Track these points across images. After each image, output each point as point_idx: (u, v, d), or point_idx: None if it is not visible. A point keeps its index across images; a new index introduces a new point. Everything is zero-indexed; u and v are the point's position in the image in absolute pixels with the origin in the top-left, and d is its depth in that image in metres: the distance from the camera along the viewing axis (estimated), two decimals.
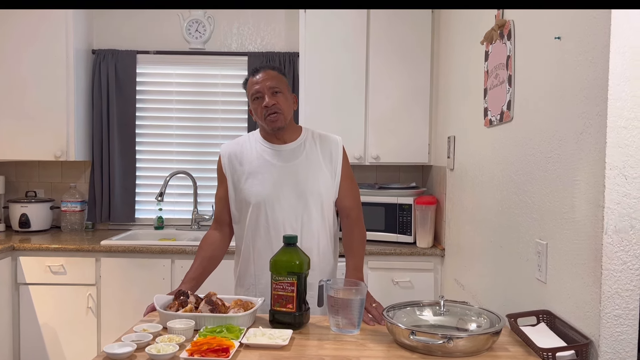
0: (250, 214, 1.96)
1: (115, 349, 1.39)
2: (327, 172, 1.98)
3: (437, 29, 3.23)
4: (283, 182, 1.94)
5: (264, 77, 1.91)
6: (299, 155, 1.97)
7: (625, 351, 1.33)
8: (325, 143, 2.02)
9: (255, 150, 2.00)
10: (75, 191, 3.59)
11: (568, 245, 1.49)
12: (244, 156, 2.00)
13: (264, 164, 1.96)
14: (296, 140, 2.00)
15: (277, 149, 1.98)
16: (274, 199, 1.93)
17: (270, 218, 1.93)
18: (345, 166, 2.02)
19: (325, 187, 1.97)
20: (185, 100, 3.69)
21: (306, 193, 1.93)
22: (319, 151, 1.99)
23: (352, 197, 2.04)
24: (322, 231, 1.98)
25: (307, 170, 1.95)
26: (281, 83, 1.94)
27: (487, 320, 1.55)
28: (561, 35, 1.56)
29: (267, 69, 1.94)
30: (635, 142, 1.30)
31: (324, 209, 1.97)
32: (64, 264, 3.02)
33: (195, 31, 3.58)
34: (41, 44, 3.28)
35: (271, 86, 1.90)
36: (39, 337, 3.05)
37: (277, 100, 1.90)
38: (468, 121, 2.53)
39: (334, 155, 2.00)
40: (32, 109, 3.30)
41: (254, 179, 1.96)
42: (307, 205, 1.94)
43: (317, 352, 1.45)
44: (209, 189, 3.71)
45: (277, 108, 1.90)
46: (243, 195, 1.97)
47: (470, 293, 2.44)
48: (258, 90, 1.90)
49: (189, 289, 1.88)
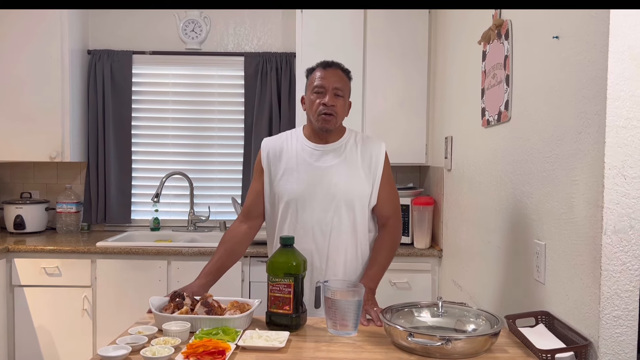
0: (282, 212, 1.94)
1: (109, 352, 1.37)
2: (364, 177, 1.93)
3: (434, 29, 3.22)
4: (317, 183, 1.91)
5: (333, 76, 1.89)
6: (338, 156, 1.94)
7: (624, 352, 1.32)
8: (367, 147, 1.98)
9: (295, 147, 1.97)
10: (71, 192, 3.56)
11: (567, 245, 1.48)
12: (283, 152, 1.97)
13: (301, 162, 1.94)
14: (338, 141, 1.96)
15: (317, 149, 1.95)
16: (306, 198, 1.90)
17: (300, 218, 1.91)
18: (386, 173, 1.97)
19: (360, 193, 1.92)
20: (182, 101, 3.68)
21: (338, 196, 1.90)
22: (359, 155, 1.95)
23: (391, 206, 2.00)
24: (352, 237, 1.93)
25: (343, 174, 1.92)
26: (346, 87, 1.92)
27: (485, 321, 1.54)
28: (559, 34, 1.55)
29: (338, 69, 1.92)
30: (634, 141, 1.29)
31: (356, 215, 1.93)
32: (59, 265, 3.00)
33: (192, 31, 3.57)
34: (36, 45, 3.26)
35: (336, 87, 1.88)
36: (34, 340, 3.02)
37: (336, 102, 1.88)
38: (465, 121, 2.52)
39: (375, 160, 1.96)
40: (27, 110, 3.28)
41: (289, 176, 1.93)
42: (338, 209, 1.90)
43: (314, 354, 1.44)
44: (205, 190, 3.70)
45: (333, 110, 1.88)
46: (276, 191, 1.95)
47: (468, 294, 2.44)
48: (322, 85, 1.88)
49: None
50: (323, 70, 1.90)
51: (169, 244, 3.14)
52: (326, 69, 1.90)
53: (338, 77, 1.90)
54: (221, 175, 3.71)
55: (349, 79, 1.95)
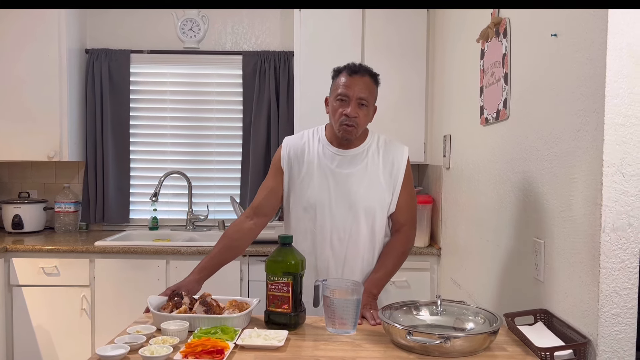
0: (300, 216, 1.92)
1: (108, 351, 1.37)
2: (384, 185, 1.90)
3: (433, 28, 3.22)
4: (338, 190, 1.88)
5: (360, 84, 1.83)
6: (359, 163, 1.90)
7: (623, 350, 1.32)
8: (389, 152, 1.93)
9: (317, 150, 1.93)
10: (69, 192, 3.56)
11: (565, 243, 1.48)
12: (305, 154, 1.93)
13: (322, 167, 1.90)
14: (360, 147, 1.92)
15: (339, 154, 1.91)
16: (325, 205, 1.88)
17: (319, 223, 1.89)
18: (407, 179, 1.94)
19: (380, 201, 1.90)
20: (180, 100, 3.67)
21: (357, 205, 1.87)
22: (380, 161, 1.91)
23: (408, 214, 1.96)
24: (369, 245, 1.91)
25: (363, 181, 1.88)
26: (371, 95, 1.86)
27: (484, 319, 1.54)
28: (558, 32, 1.55)
29: (365, 75, 1.85)
30: (633, 139, 1.29)
31: (376, 224, 1.90)
32: (58, 265, 3.00)
33: (190, 30, 3.56)
34: (34, 44, 3.25)
35: (360, 97, 1.82)
36: (32, 340, 3.02)
37: (359, 113, 1.83)
38: (464, 120, 2.52)
39: (396, 166, 1.92)
40: (25, 109, 3.27)
41: (309, 180, 1.90)
42: (357, 217, 1.88)
43: (312, 352, 1.43)
44: (204, 189, 3.69)
45: (355, 122, 1.83)
46: (295, 194, 1.92)
47: (467, 292, 2.44)
48: (347, 94, 1.82)
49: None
50: (349, 77, 1.84)
51: (167, 243, 3.14)
52: (352, 76, 1.84)
53: (364, 85, 1.84)
54: (220, 175, 3.71)
55: (377, 84, 1.89)
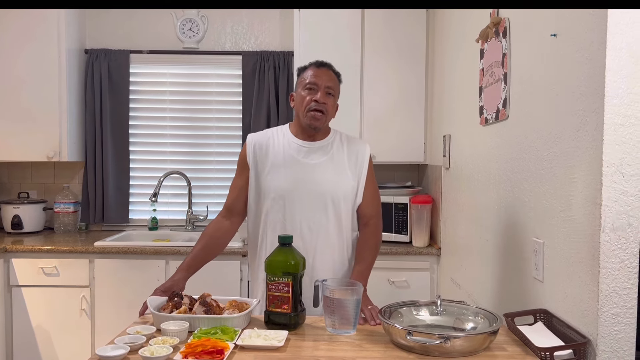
0: (268, 207, 1.94)
1: (108, 352, 1.37)
2: (350, 176, 1.96)
3: (432, 28, 3.22)
4: (305, 180, 1.92)
5: (327, 75, 1.92)
6: (325, 154, 1.96)
7: (623, 350, 1.32)
8: (353, 146, 2.00)
9: (282, 143, 1.98)
10: (69, 192, 3.56)
11: (565, 243, 1.48)
12: (270, 148, 1.98)
13: (289, 158, 1.95)
14: (324, 140, 1.99)
15: (305, 146, 1.96)
16: (294, 195, 1.91)
17: (288, 214, 1.92)
18: (370, 173, 2.01)
19: (346, 191, 1.95)
20: (179, 100, 3.67)
21: (325, 193, 1.92)
22: (345, 153, 1.98)
23: (374, 206, 2.03)
24: (338, 234, 1.96)
25: (330, 171, 1.94)
26: (336, 88, 1.96)
27: (484, 319, 1.54)
28: (557, 32, 1.55)
29: (330, 69, 1.95)
30: (633, 139, 1.29)
31: (342, 212, 1.95)
32: (57, 265, 3.00)
33: (189, 30, 3.56)
34: (33, 44, 3.25)
35: (329, 86, 1.91)
36: (32, 340, 3.02)
37: (327, 101, 1.91)
38: (463, 120, 2.52)
39: (360, 159, 1.98)
40: (25, 110, 3.27)
41: (276, 172, 1.94)
42: (325, 206, 1.92)
43: (312, 353, 1.43)
44: (203, 189, 3.69)
45: (324, 108, 1.90)
46: (263, 187, 1.95)
47: (467, 292, 2.44)
48: (316, 82, 1.90)
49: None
50: (316, 69, 1.93)
51: (167, 243, 3.14)
52: (319, 68, 1.94)
53: (331, 77, 1.94)
54: (219, 175, 3.71)
55: (339, 81, 1.98)
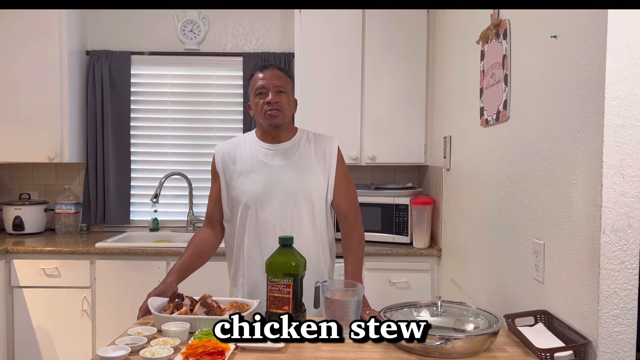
0: (241, 213, 1.96)
1: (109, 353, 1.37)
2: (319, 173, 1.97)
3: (433, 29, 3.22)
4: (274, 182, 1.93)
5: (271, 75, 1.92)
6: (292, 155, 1.97)
7: (623, 351, 1.32)
8: (320, 143, 2.01)
9: (249, 149, 2.00)
10: (70, 193, 3.56)
11: (565, 244, 1.48)
12: (237, 155, 2.00)
13: (256, 163, 1.96)
14: (290, 140, 2.00)
15: (271, 149, 1.98)
16: (265, 198, 1.93)
17: (260, 217, 1.93)
18: (340, 167, 2.01)
19: (317, 188, 1.96)
20: (180, 102, 3.67)
21: (296, 193, 1.93)
22: (312, 151, 1.98)
23: (348, 199, 2.03)
24: (312, 232, 1.96)
25: (298, 171, 1.95)
26: (287, 84, 1.95)
27: (484, 320, 1.54)
28: (557, 34, 1.55)
29: (275, 68, 1.95)
30: (633, 140, 1.29)
31: (315, 210, 1.96)
32: (59, 266, 3.00)
33: (190, 32, 3.56)
34: (34, 45, 3.26)
35: (277, 85, 1.91)
36: (33, 341, 3.02)
37: (280, 99, 1.92)
38: (464, 121, 2.52)
39: (328, 155, 1.99)
40: (26, 111, 3.28)
41: (245, 178, 1.95)
42: (297, 205, 1.93)
43: (313, 354, 1.44)
44: (205, 190, 3.67)
45: (278, 106, 1.91)
46: (234, 193, 1.97)
47: (467, 293, 2.44)
48: (263, 85, 1.91)
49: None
50: (261, 72, 1.94)
51: (168, 244, 3.14)
52: (264, 71, 1.94)
53: (277, 75, 1.93)
54: None
55: (289, 77, 1.99)
